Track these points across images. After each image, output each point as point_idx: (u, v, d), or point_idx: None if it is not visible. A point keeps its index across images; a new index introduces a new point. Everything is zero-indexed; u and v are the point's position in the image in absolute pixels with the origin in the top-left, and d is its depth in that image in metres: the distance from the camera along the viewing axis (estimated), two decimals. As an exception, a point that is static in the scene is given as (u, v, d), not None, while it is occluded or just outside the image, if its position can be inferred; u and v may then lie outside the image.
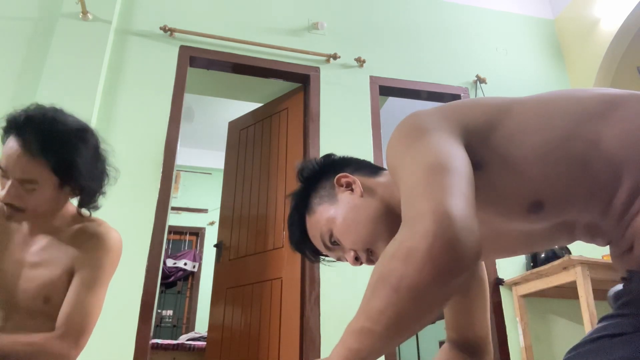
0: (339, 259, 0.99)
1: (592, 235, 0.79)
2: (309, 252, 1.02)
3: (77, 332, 1.21)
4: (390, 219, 0.91)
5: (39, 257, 1.26)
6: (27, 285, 1.23)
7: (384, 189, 0.94)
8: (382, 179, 0.96)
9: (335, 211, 0.94)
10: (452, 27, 3.87)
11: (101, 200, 1.34)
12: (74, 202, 1.35)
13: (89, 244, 1.27)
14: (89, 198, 1.28)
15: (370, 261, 0.94)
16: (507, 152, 0.75)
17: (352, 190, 0.94)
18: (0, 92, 2.76)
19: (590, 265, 2.55)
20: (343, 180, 0.95)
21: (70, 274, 1.25)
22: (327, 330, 2.71)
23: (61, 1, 3.02)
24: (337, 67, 3.43)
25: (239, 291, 3.28)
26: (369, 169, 1.00)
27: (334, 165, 1.00)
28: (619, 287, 0.71)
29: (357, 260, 0.94)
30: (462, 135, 0.76)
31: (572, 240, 0.85)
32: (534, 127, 0.75)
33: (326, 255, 1.02)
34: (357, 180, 0.94)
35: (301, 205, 0.99)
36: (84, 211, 1.32)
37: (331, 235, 0.94)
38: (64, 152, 1.18)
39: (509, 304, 3.01)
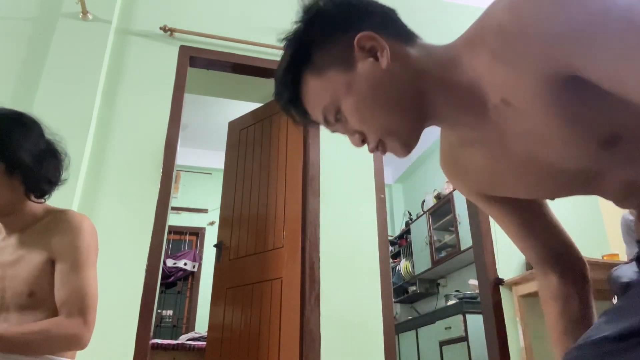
0: (334, 132, 0.82)
1: (627, 193, 0.69)
2: (297, 115, 0.82)
3: (81, 310, 1.23)
4: (418, 106, 0.73)
5: (16, 254, 1.29)
6: (12, 284, 1.26)
7: (419, 65, 0.73)
8: (415, 50, 0.75)
9: (349, 82, 0.73)
10: (453, 27, 3.86)
11: (53, 188, 1.35)
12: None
13: (61, 231, 1.29)
14: (36, 182, 1.29)
15: (376, 149, 0.77)
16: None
17: (376, 58, 0.73)
18: (0, 92, 2.76)
19: (590, 265, 2.54)
20: (367, 44, 0.73)
21: (50, 265, 1.27)
22: (327, 330, 2.71)
23: (61, 1, 3.02)
24: (337, 67, 3.42)
25: (239, 291, 3.28)
26: (400, 30, 0.77)
27: (352, 15, 0.76)
28: (628, 269, 0.64)
29: (362, 143, 0.78)
30: None
31: (594, 194, 0.76)
32: None
33: (312, 121, 0.82)
34: (387, 47, 0.72)
35: (302, 58, 0.76)
36: (37, 199, 1.33)
37: (338, 111, 0.75)
38: None
39: (509, 304, 3.01)
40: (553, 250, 0.95)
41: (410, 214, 6.39)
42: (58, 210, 1.36)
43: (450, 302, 4.50)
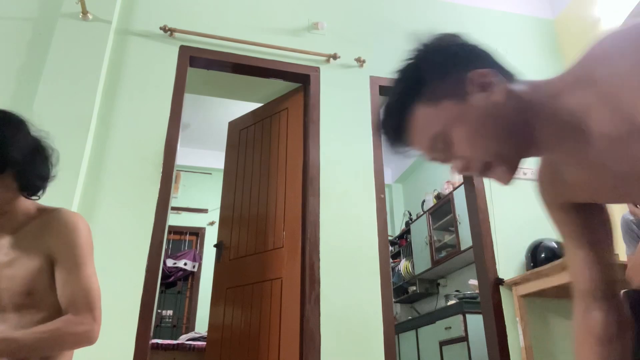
0: (433, 159, 0.88)
1: None
2: (392, 141, 0.89)
3: (88, 306, 1.25)
4: (524, 135, 0.81)
5: (11, 255, 1.29)
6: (8, 284, 1.26)
7: (525, 98, 0.81)
8: (518, 85, 0.83)
9: (462, 113, 0.81)
10: (452, 27, 3.86)
11: (45, 184, 1.35)
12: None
13: (57, 231, 1.30)
14: (28, 179, 1.29)
15: (481, 174, 0.84)
16: None
17: (487, 92, 0.81)
18: (0, 92, 2.76)
19: (590, 265, 2.55)
20: (480, 79, 0.81)
21: (48, 263, 1.28)
22: (327, 330, 2.71)
23: (61, 1, 3.02)
24: (337, 67, 3.43)
25: (239, 291, 3.28)
26: (504, 68, 0.86)
27: (465, 54, 0.86)
28: None
29: (465, 169, 0.84)
30: None
31: None
32: None
33: (398, 145, 0.89)
34: (498, 82, 0.81)
35: (417, 89, 0.84)
36: (31, 196, 1.33)
37: (446, 138, 0.82)
38: None
39: (509, 304, 3.01)
40: (608, 282, 0.95)
41: (410, 214, 6.39)
42: (51, 209, 1.36)
43: (450, 302, 4.50)
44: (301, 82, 3.44)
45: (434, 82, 0.83)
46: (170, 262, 5.93)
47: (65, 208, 1.37)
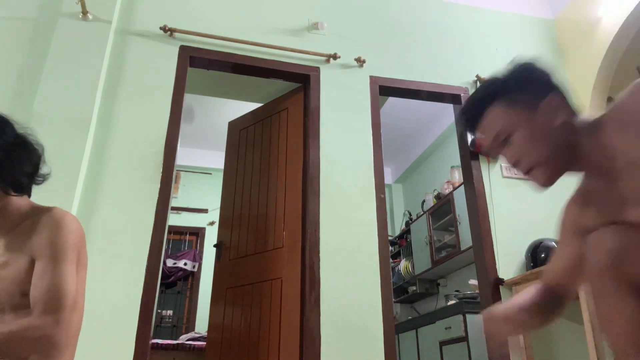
0: (488, 149, 1.09)
1: None
2: (467, 126, 1.14)
3: (53, 308, 1.18)
4: (569, 158, 1.04)
5: (5, 256, 1.28)
6: (4, 285, 1.25)
7: (577, 129, 1.03)
8: (575, 118, 1.05)
9: (528, 120, 1.04)
10: (452, 27, 3.87)
11: (32, 181, 1.33)
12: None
13: (43, 228, 1.27)
14: (12, 177, 1.26)
15: (525, 174, 1.05)
16: None
17: (554, 114, 1.03)
18: (0, 92, 2.76)
19: (590, 265, 2.55)
20: (553, 103, 1.04)
21: (32, 263, 1.26)
22: (327, 330, 2.71)
23: (61, 1, 3.02)
24: (337, 67, 3.43)
25: (239, 291, 3.28)
26: (572, 103, 1.08)
27: (549, 82, 1.08)
28: None
29: (515, 166, 1.06)
30: None
31: None
32: None
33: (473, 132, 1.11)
34: (565, 111, 1.04)
35: (502, 91, 1.07)
36: (17, 194, 1.31)
37: (508, 137, 1.05)
38: None
39: (509, 304, 3.01)
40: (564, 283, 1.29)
41: (410, 214, 6.39)
42: (43, 208, 1.34)
43: (450, 302, 4.50)
44: (301, 82, 3.44)
45: (519, 91, 1.06)
46: (170, 262, 5.93)
47: (58, 207, 1.33)
